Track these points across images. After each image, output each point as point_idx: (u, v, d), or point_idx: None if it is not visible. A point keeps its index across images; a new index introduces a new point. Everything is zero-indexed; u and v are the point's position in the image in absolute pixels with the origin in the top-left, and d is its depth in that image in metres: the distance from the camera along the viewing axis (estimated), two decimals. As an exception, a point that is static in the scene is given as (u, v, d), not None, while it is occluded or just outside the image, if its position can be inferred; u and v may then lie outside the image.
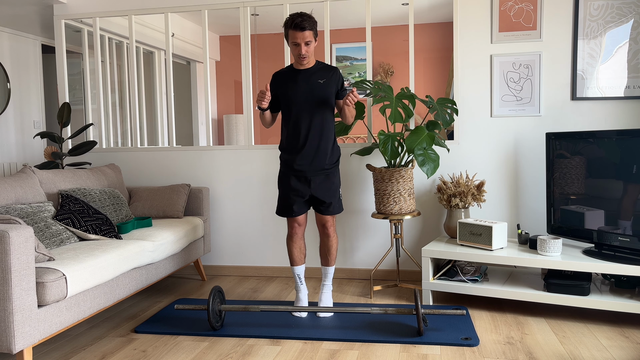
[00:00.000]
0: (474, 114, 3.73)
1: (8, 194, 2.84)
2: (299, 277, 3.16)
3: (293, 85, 2.95)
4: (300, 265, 3.16)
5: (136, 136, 4.23)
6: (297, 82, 2.95)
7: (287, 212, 3.05)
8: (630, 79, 3.50)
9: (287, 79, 2.98)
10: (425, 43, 6.38)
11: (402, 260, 3.87)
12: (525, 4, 3.59)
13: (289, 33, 2.85)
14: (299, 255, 3.14)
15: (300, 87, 2.93)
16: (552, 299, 2.96)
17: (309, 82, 2.94)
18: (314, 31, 2.86)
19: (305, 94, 2.93)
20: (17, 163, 4.98)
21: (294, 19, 2.82)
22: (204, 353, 2.61)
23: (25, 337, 2.21)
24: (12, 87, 4.94)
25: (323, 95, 2.93)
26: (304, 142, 2.94)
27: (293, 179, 3.01)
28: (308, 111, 2.93)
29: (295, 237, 3.12)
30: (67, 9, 4.21)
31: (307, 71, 2.96)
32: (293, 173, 3.00)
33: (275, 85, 3.02)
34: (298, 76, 2.96)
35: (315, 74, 2.96)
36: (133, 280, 2.96)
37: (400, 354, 2.55)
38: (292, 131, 2.97)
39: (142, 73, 5.11)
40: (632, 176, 2.89)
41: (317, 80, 2.94)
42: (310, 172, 2.97)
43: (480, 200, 3.47)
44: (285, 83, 2.98)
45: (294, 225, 3.09)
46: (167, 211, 3.75)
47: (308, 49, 2.88)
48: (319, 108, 2.94)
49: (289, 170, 3.01)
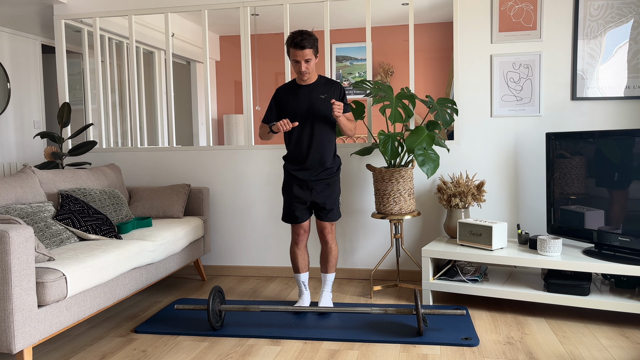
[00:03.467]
0: (474, 114, 3.73)
1: (8, 194, 2.84)
2: (303, 283, 3.23)
3: (295, 100, 3.04)
4: (304, 273, 3.22)
5: (136, 136, 4.23)
6: (299, 97, 3.04)
7: (291, 218, 3.14)
8: (630, 79, 3.50)
9: (290, 94, 3.07)
10: (425, 43, 6.38)
11: (402, 260, 3.87)
12: (525, 4, 3.59)
13: (290, 51, 2.95)
14: (302, 262, 3.21)
15: (302, 102, 3.03)
16: (552, 299, 2.96)
17: (310, 97, 3.03)
18: (314, 49, 2.94)
19: (306, 109, 3.02)
20: (17, 163, 4.98)
21: (295, 37, 2.90)
22: (204, 353, 2.61)
23: (25, 337, 2.21)
24: (12, 87, 4.94)
25: (324, 110, 3.03)
26: (306, 155, 3.05)
27: (295, 187, 3.11)
28: (310, 126, 3.03)
29: (300, 245, 3.19)
30: (67, 9, 4.21)
31: (309, 87, 3.05)
32: (296, 182, 3.10)
33: (278, 99, 3.11)
34: (300, 91, 3.05)
35: (317, 89, 3.05)
36: (133, 280, 2.96)
37: (400, 354, 2.55)
38: (295, 145, 3.07)
39: (142, 73, 5.10)
40: (632, 176, 2.89)
41: (319, 95, 3.04)
42: (312, 181, 3.08)
43: (480, 200, 3.47)
44: (288, 98, 3.07)
45: (299, 232, 3.16)
46: (167, 211, 3.75)
47: (308, 66, 2.96)
48: (320, 122, 3.04)
49: (292, 179, 3.11)
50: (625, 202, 2.92)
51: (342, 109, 2.92)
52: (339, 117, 2.95)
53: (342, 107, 2.92)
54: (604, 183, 3.02)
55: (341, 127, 3.04)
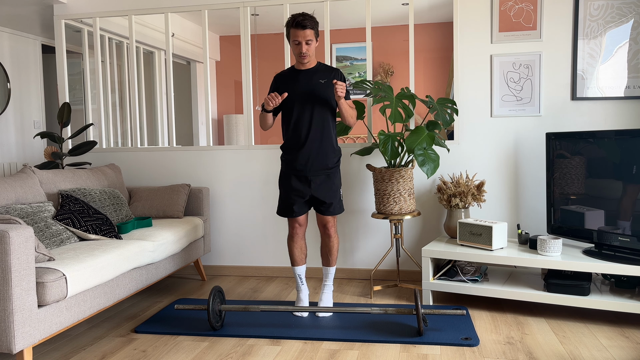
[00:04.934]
0: (474, 114, 3.72)
1: (8, 194, 2.84)
2: (300, 277, 3.16)
3: (294, 85, 2.96)
4: (301, 265, 3.16)
5: (136, 136, 4.23)
6: (299, 81, 2.96)
7: (287, 212, 3.05)
8: (630, 79, 3.50)
9: (289, 79, 2.99)
10: (425, 43, 6.38)
11: (402, 260, 3.87)
12: (525, 4, 3.59)
13: (290, 32, 2.87)
14: (299, 255, 3.14)
15: (302, 86, 2.94)
16: (552, 299, 2.96)
17: (310, 82, 2.95)
18: (315, 30, 2.87)
19: (306, 93, 2.94)
20: (17, 163, 4.98)
21: (296, 17, 2.84)
22: (204, 353, 2.61)
23: (25, 337, 2.21)
24: (12, 87, 4.94)
25: (324, 95, 2.95)
26: (304, 141, 2.95)
27: (294, 179, 3.01)
28: (309, 111, 2.94)
29: (296, 237, 3.12)
30: (67, 9, 4.21)
31: (309, 71, 2.97)
32: (294, 173, 3.01)
33: (276, 86, 3.03)
34: (299, 76, 2.97)
35: (317, 74, 2.97)
36: (133, 280, 2.96)
37: (400, 354, 2.55)
38: (293, 130, 2.98)
39: (142, 73, 5.10)
40: (632, 176, 2.89)
41: (319, 80, 2.96)
42: (311, 172, 2.98)
43: (480, 200, 3.47)
44: (287, 83, 2.99)
45: (295, 225, 3.09)
46: (167, 211, 3.75)
47: (309, 48, 2.89)
48: (320, 108, 2.95)
49: (290, 170, 3.02)
50: (626, 202, 2.92)
51: (345, 90, 2.83)
52: (340, 99, 2.85)
53: (344, 87, 2.82)
54: (604, 183, 3.02)
55: (342, 112, 2.94)
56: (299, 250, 3.14)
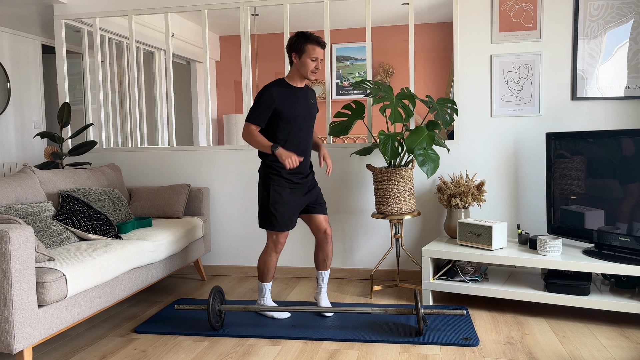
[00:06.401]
0: (474, 114, 3.73)
1: (8, 194, 2.84)
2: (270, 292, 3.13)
3: (296, 104, 2.99)
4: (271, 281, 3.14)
5: (136, 136, 4.23)
6: (299, 100, 3.02)
7: (289, 225, 3.01)
8: (630, 79, 3.50)
9: (290, 96, 2.98)
10: (425, 43, 6.38)
11: (402, 260, 3.87)
12: (525, 4, 3.59)
13: (309, 47, 2.90)
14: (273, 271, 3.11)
15: (302, 105, 3.02)
16: (552, 299, 2.96)
17: (307, 101, 3.06)
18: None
19: (305, 112, 3.03)
20: (17, 163, 4.98)
21: (313, 35, 2.92)
22: (204, 353, 2.61)
23: (25, 337, 2.21)
24: (12, 87, 4.94)
25: (314, 114, 3.11)
26: (302, 156, 3.01)
27: (291, 192, 2.99)
28: (305, 128, 3.05)
29: (279, 253, 3.08)
30: (67, 9, 4.21)
31: (303, 90, 3.06)
32: (290, 186, 2.99)
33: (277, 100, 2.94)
34: (299, 94, 3.03)
35: (308, 94, 3.09)
36: (133, 280, 2.96)
37: (400, 354, 2.55)
38: (292, 146, 2.98)
39: (142, 73, 5.11)
40: (632, 176, 2.89)
41: (310, 100, 3.09)
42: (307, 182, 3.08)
43: (480, 200, 3.47)
44: (287, 102, 2.96)
45: (283, 241, 3.04)
46: (167, 211, 3.75)
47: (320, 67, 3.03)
48: (311, 125, 3.09)
49: (286, 183, 2.98)
50: (626, 202, 2.92)
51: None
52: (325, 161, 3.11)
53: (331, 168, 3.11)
54: (604, 183, 3.02)
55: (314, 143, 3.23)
56: (274, 266, 3.09)
